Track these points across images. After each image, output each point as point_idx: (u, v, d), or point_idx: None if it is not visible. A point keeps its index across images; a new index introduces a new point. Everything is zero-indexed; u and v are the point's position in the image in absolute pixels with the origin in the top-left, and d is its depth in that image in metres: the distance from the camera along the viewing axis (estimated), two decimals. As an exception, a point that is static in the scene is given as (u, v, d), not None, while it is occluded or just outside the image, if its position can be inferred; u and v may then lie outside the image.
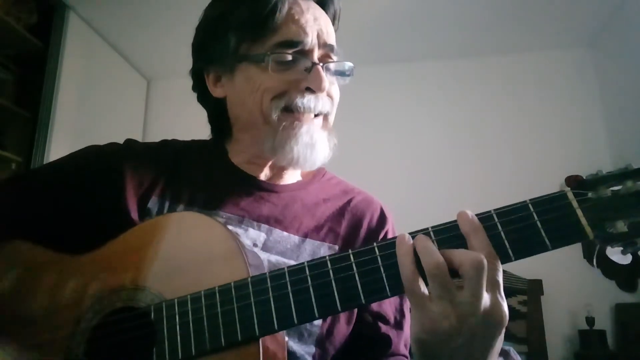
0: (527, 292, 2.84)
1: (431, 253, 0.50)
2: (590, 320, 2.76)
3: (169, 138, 0.89)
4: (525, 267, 2.78)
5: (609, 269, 2.80)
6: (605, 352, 2.71)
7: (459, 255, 0.50)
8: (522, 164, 3.14)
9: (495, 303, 0.50)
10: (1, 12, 2.45)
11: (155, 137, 0.88)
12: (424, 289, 0.50)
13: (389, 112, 3.47)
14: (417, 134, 3.40)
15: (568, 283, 2.90)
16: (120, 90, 3.50)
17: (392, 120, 3.45)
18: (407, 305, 0.81)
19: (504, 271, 0.52)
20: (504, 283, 0.52)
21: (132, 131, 3.55)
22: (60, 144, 2.70)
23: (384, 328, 0.77)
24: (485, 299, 0.49)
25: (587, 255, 2.82)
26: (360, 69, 0.84)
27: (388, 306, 0.79)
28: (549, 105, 3.25)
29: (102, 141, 0.83)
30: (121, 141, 0.84)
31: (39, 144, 2.65)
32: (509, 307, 2.72)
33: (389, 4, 2.90)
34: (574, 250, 2.43)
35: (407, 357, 0.78)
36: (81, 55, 2.96)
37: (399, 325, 0.79)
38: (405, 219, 0.92)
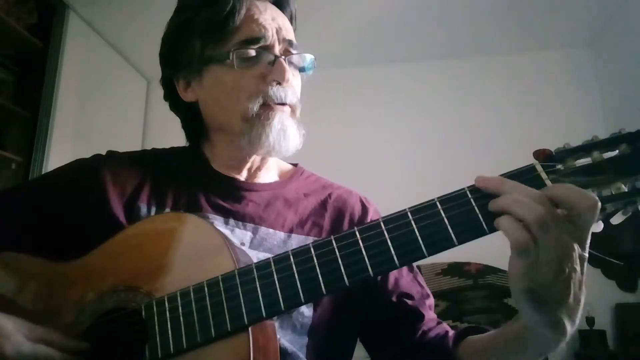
0: (527, 292, 2.83)
1: (531, 202, 0.50)
2: (590, 320, 2.75)
3: (169, 138, 0.91)
4: (525, 267, 2.78)
5: (609, 269, 2.80)
6: (605, 352, 2.71)
7: (572, 195, 0.49)
8: (521, 164, 3.13)
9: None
10: (1, 12, 2.45)
11: (155, 137, 0.89)
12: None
13: (388, 112, 3.46)
14: (417, 135, 3.40)
15: (568, 283, 2.89)
16: (120, 90, 3.49)
17: (391, 121, 3.44)
18: (420, 277, 0.86)
19: (502, 272, 0.52)
20: (502, 284, 0.51)
21: (132, 131, 3.51)
22: (60, 144, 2.70)
23: (411, 302, 0.81)
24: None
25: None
26: (359, 69, 0.85)
27: (405, 283, 0.83)
28: (549, 105, 3.25)
29: (101, 141, 0.84)
30: (121, 141, 0.86)
31: (39, 144, 2.64)
32: (509, 307, 2.70)
33: (388, 4, 2.90)
34: (574, 250, 2.43)
35: (438, 320, 0.82)
36: (81, 55, 2.95)
37: (421, 296, 0.83)
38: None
